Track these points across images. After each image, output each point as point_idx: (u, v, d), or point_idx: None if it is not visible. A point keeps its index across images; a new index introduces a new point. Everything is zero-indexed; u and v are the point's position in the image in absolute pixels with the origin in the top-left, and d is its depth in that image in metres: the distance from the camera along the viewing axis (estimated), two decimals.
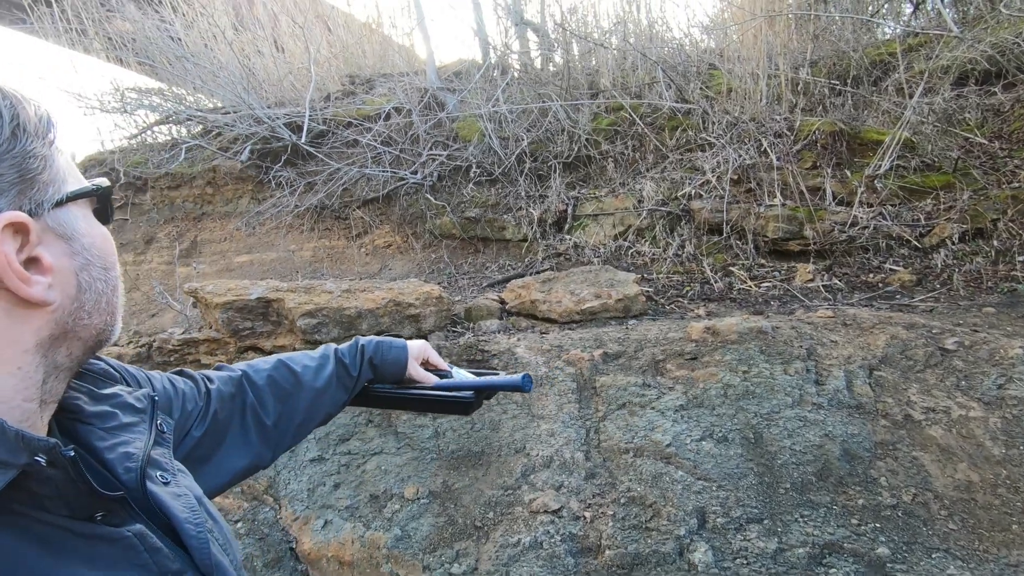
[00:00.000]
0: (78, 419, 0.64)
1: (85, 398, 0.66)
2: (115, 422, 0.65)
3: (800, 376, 1.86)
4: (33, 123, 0.55)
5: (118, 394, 0.70)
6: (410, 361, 1.03)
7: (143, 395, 0.72)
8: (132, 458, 0.62)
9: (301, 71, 5.77)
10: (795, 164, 3.54)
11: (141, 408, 0.69)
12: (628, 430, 1.80)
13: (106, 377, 0.74)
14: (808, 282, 2.92)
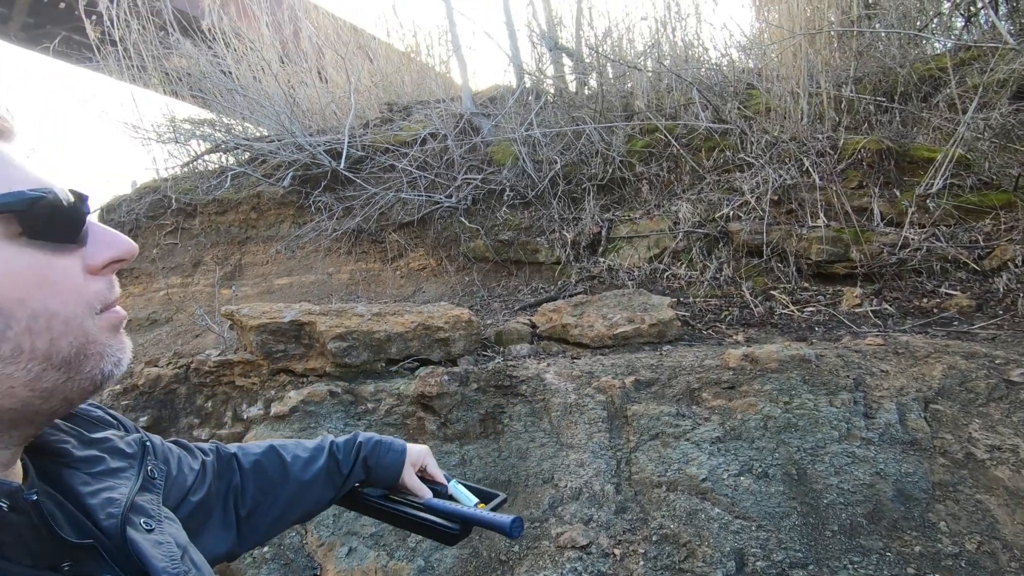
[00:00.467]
0: (64, 463, 0.62)
1: (74, 442, 0.65)
2: (102, 467, 0.64)
3: (847, 408, 1.74)
4: None
5: (109, 439, 0.68)
6: (406, 468, 0.96)
7: (134, 440, 0.71)
8: (115, 503, 0.60)
9: (342, 99, 5.98)
10: (839, 184, 3.40)
11: (131, 453, 0.68)
12: (661, 462, 1.72)
13: (100, 423, 0.72)
14: (855, 307, 2.77)
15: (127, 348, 0.57)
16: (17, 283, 0.49)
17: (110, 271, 0.56)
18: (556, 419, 1.94)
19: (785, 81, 4.09)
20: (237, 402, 2.27)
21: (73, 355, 0.52)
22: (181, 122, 6.24)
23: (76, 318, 0.52)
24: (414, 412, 2.02)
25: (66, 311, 0.52)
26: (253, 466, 0.90)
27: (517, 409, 1.99)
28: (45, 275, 0.51)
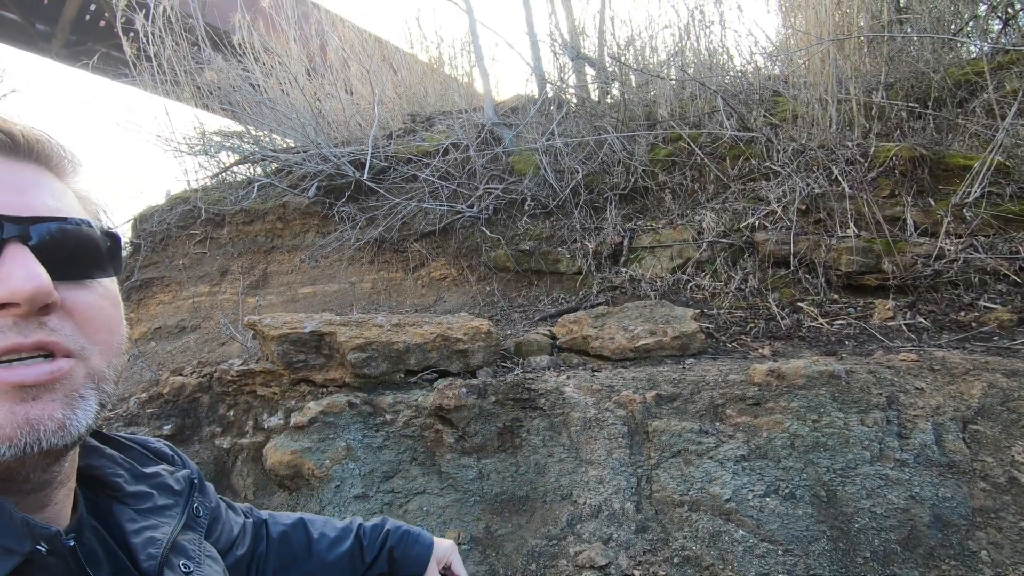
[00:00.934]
0: (116, 497, 0.63)
1: (127, 476, 0.65)
2: (150, 503, 0.64)
3: (880, 428, 1.67)
4: None
5: (159, 474, 0.69)
6: (431, 565, 0.93)
7: (183, 476, 0.71)
8: (156, 544, 0.60)
9: (366, 111, 6.06)
10: (870, 193, 3.30)
11: (179, 490, 0.68)
12: (683, 481, 1.67)
13: (156, 455, 0.73)
14: (888, 320, 2.67)
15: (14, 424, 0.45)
16: None
17: (4, 314, 0.45)
18: (575, 434, 1.90)
19: (813, 88, 4.01)
20: (258, 411, 2.29)
21: None
22: (211, 134, 6.42)
23: None
24: (432, 424, 2.01)
25: None
26: (280, 536, 0.89)
27: (536, 423, 1.96)
28: None
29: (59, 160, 0.55)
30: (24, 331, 0.46)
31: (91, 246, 0.53)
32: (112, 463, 0.65)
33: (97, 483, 0.63)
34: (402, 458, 1.98)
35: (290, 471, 2.00)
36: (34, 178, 0.52)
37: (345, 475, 1.94)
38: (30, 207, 0.49)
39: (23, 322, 0.46)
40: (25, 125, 0.52)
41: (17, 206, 0.48)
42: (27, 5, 10.81)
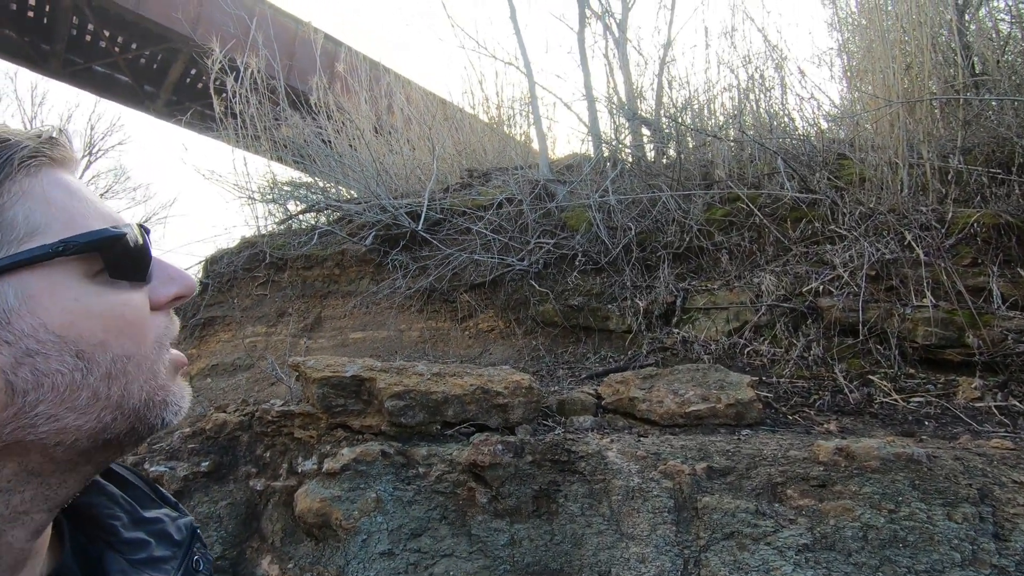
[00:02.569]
0: (109, 543, 0.59)
1: (125, 519, 0.61)
2: (145, 554, 0.60)
3: (971, 525, 1.45)
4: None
5: (161, 519, 0.65)
6: None
7: (184, 524, 0.67)
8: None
9: (426, 166, 6.32)
10: (949, 260, 3.07)
11: (179, 540, 0.64)
12: (736, 568, 1.49)
13: (158, 498, 0.70)
14: (974, 400, 2.40)
15: (187, 395, 0.55)
16: (99, 326, 0.47)
17: (172, 306, 0.55)
18: (616, 504, 1.76)
19: (882, 151, 3.85)
20: (294, 454, 2.27)
21: (143, 402, 0.50)
22: (282, 184, 6.84)
23: (147, 359, 0.50)
24: (465, 481, 1.92)
25: (140, 352, 0.50)
26: None
27: (574, 488, 1.84)
28: (123, 315, 0.49)
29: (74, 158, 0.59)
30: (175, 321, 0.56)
31: None
32: (112, 503, 0.61)
33: (92, 524, 0.59)
34: (432, 515, 1.89)
35: (318, 519, 1.94)
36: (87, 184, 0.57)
37: (373, 529, 1.86)
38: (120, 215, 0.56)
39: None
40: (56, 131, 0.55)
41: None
42: (139, 70, 12.17)
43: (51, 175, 0.48)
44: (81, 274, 0.47)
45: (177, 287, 0.54)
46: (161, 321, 0.53)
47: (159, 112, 12.44)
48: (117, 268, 0.49)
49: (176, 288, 0.54)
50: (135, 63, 12.00)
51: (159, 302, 0.53)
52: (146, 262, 0.52)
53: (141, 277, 0.51)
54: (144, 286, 0.52)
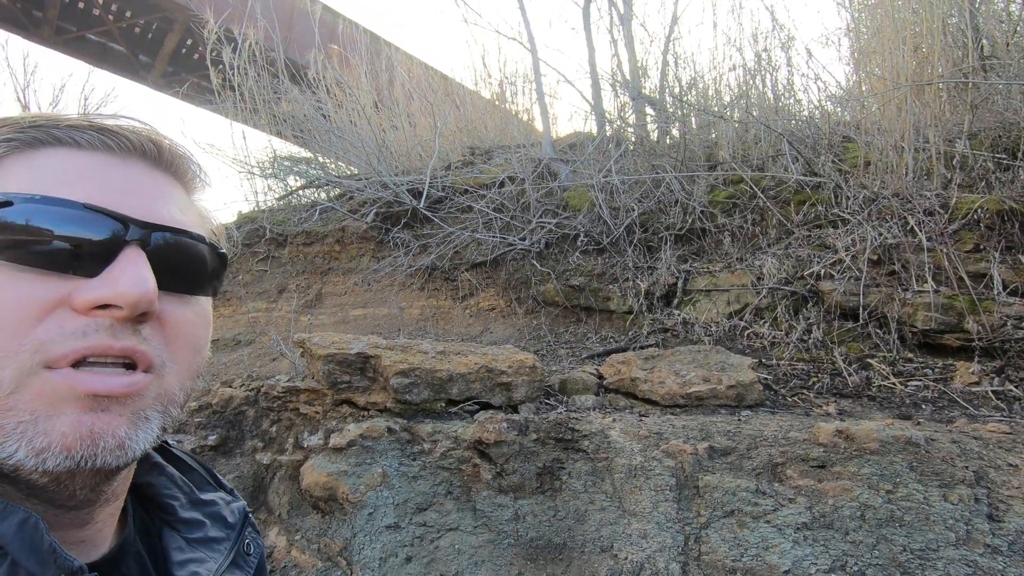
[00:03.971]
0: (167, 522, 0.61)
1: (183, 499, 0.63)
2: (201, 533, 0.61)
3: (966, 507, 1.49)
4: None
5: (216, 502, 0.66)
6: None
7: (238, 508, 0.68)
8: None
9: (428, 143, 6.25)
10: (951, 245, 3.08)
11: (232, 523, 0.65)
12: (736, 545, 1.53)
13: (216, 482, 0.71)
14: (971, 385, 2.44)
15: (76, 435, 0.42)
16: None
17: (101, 316, 0.44)
18: (619, 481, 1.79)
19: (888, 134, 3.83)
20: (300, 429, 2.30)
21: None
22: (282, 159, 6.77)
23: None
24: (469, 458, 1.95)
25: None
26: None
27: (577, 466, 1.87)
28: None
29: (192, 176, 0.58)
30: (117, 334, 0.45)
31: (200, 263, 0.53)
32: (171, 483, 0.63)
33: (152, 503, 0.61)
34: (437, 490, 1.92)
35: (325, 493, 1.97)
36: (166, 188, 0.53)
37: (379, 503, 1.90)
38: (156, 214, 0.50)
39: (119, 325, 0.45)
40: (171, 139, 0.54)
41: (145, 211, 0.49)
42: (133, 39, 11.93)
43: (45, 152, 0.47)
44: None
45: (101, 292, 0.44)
46: (68, 325, 0.43)
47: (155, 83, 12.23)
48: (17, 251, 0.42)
49: (98, 292, 0.44)
50: (129, 32, 11.75)
51: (74, 302, 0.43)
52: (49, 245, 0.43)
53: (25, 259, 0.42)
54: (70, 278, 0.44)
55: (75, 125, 0.48)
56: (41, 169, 0.46)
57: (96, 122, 0.49)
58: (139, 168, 0.51)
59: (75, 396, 0.42)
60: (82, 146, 0.48)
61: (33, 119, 0.48)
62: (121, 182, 0.49)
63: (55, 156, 0.47)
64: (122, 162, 0.50)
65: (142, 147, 0.51)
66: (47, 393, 0.42)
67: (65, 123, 0.48)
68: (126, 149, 0.50)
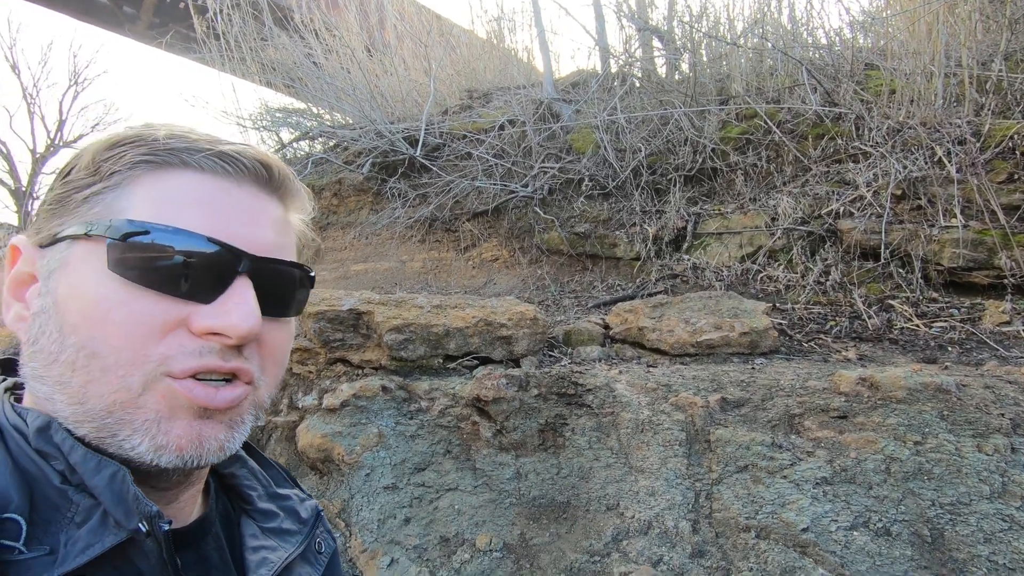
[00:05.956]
0: (246, 510, 0.66)
1: (261, 490, 0.68)
2: (275, 523, 0.66)
3: (1002, 457, 1.38)
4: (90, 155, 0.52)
5: (290, 497, 0.71)
6: None
7: (311, 506, 0.72)
8: (268, 565, 0.61)
9: (423, 87, 5.95)
10: (983, 176, 2.86)
11: (304, 519, 0.69)
12: (750, 502, 1.44)
13: (292, 481, 0.75)
14: (1002, 324, 2.29)
15: (188, 438, 0.49)
16: (80, 310, 0.47)
17: (213, 340, 0.50)
18: (625, 437, 1.70)
19: (916, 57, 3.53)
20: (293, 390, 2.22)
21: (105, 410, 0.47)
22: (274, 111, 6.50)
23: (118, 367, 0.46)
24: (468, 416, 1.86)
25: (109, 358, 0.46)
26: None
27: (581, 422, 1.77)
28: (108, 311, 0.47)
29: (294, 195, 0.62)
30: (225, 357, 0.51)
31: (295, 287, 0.59)
32: (251, 476, 0.69)
33: (233, 492, 0.67)
34: (435, 449, 1.84)
35: (320, 455, 1.90)
36: (273, 214, 0.57)
37: (376, 463, 1.83)
38: (263, 242, 0.54)
39: (227, 349, 0.51)
40: (276, 159, 0.59)
41: (253, 239, 0.54)
42: None
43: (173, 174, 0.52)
44: (104, 257, 0.48)
45: (213, 321, 0.50)
46: (187, 344, 0.49)
47: (140, 35, 11.77)
48: (119, 262, 0.47)
49: (210, 321, 0.50)
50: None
51: (192, 326, 0.50)
52: (175, 272, 0.48)
53: (154, 284, 0.48)
54: (188, 303, 0.49)
55: (201, 151, 0.52)
56: (169, 192, 0.51)
57: (219, 148, 0.53)
58: (251, 192, 0.55)
59: (189, 405, 0.49)
60: (204, 170, 0.52)
61: (167, 140, 0.52)
62: (235, 209, 0.53)
63: (182, 179, 0.52)
64: (237, 186, 0.54)
65: (255, 172, 0.56)
66: (168, 398, 0.48)
67: (194, 147, 0.52)
68: (241, 173, 0.54)
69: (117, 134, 0.53)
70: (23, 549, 0.42)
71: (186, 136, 0.53)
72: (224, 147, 0.54)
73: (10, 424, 0.49)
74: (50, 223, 0.52)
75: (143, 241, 0.48)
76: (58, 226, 0.51)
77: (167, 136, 0.52)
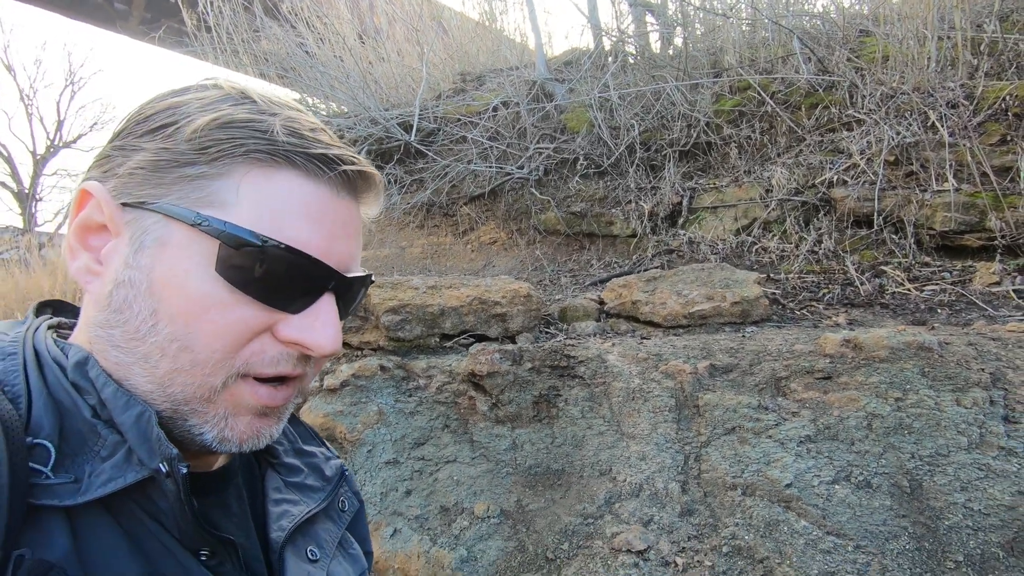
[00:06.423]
0: (271, 464, 0.67)
1: (287, 445, 0.69)
2: (298, 478, 0.67)
3: (980, 410, 1.41)
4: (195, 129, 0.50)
5: (315, 455, 0.72)
6: None
7: (335, 465, 0.73)
8: (289, 518, 0.62)
9: (416, 72, 5.93)
10: (975, 139, 2.85)
11: (329, 476, 0.70)
12: (737, 461, 1.49)
13: (315, 438, 0.77)
14: (992, 285, 2.31)
15: (248, 433, 0.53)
16: (181, 303, 0.48)
17: (292, 348, 0.53)
18: (617, 405, 1.75)
19: (909, 20, 3.50)
20: None
21: (184, 399, 0.50)
22: None
23: (205, 364, 0.49)
24: (465, 391, 1.91)
25: (201, 354, 0.49)
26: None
27: (574, 392, 1.82)
28: (207, 310, 0.49)
29: (374, 201, 0.62)
30: (297, 365, 0.53)
31: (363, 296, 0.61)
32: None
33: None
34: (434, 424, 1.90)
35: (323, 434, 1.96)
36: (359, 224, 0.58)
37: (377, 440, 1.88)
38: (353, 261, 0.57)
39: (302, 358, 0.54)
40: (372, 168, 0.59)
41: (346, 259, 0.55)
42: None
43: (283, 176, 0.51)
44: (211, 256, 0.49)
45: (302, 335, 0.52)
46: (269, 351, 0.51)
47: (133, 31, 11.73)
48: (228, 268, 0.49)
49: (299, 334, 0.52)
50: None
51: (278, 334, 0.52)
52: (275, 285, 0.50)
53: (255, 293, 0.50)
54: (276, 312, 0.51)
55: (312, 155, 0.52)
56: (279, 198, 0.51)
57: (330, 152, 0.53)
58: (347, 204, 0.55)
59: (252, 405, 0.52)
60: (311, 175, 0.52)
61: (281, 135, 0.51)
62: (334, 224, 0.54)
63: (291, 184, 0.51)
64: (337, 197, 0.54)
65: (354, 184, 0.56)
66: (237, 397, 0.51)
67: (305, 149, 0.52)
68: (343, 183, 0.55)
69: (227, 113, 0.51)
70: (50, 474, 0.44)
71: (297, 131, 0.52)
72: (333, 151, 0.53)
73: (51, 357, 0.51)
74: (141, 186, 0.50)
75: (254, 252, 0.48)
76: (151, 195, 0.50)
77: (282, 128, 0.51)
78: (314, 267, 0.51)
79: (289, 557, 0.60)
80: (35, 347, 0.52)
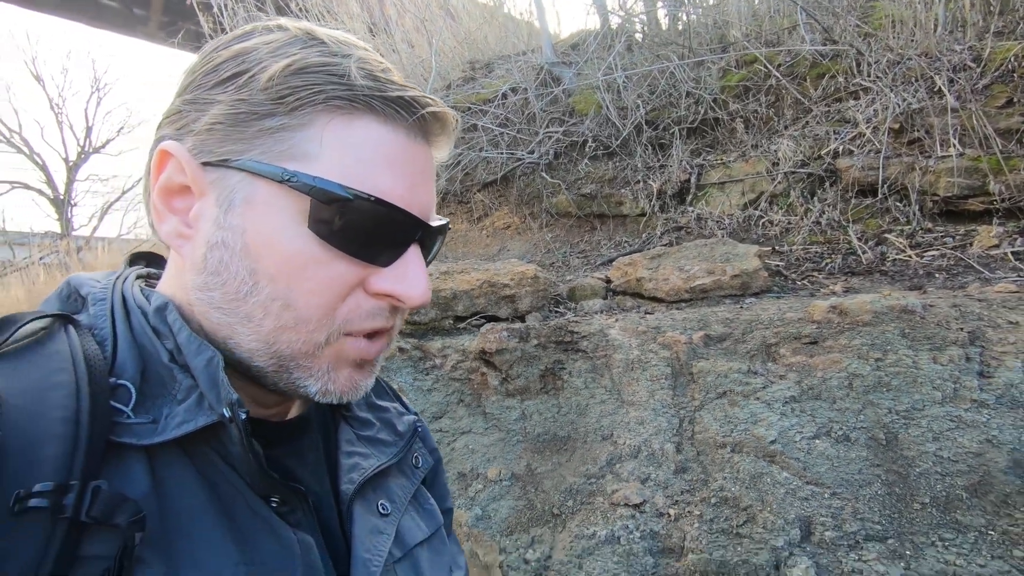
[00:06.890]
0: (345, 416, 0.67)
1: (361, 400, 0.67)
2: (370, 432, 0.66)
3: (956, 366, 1.50)
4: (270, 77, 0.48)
5: (388, 409, 0.71)
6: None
7: (409, 421, 0.71)
8: (359, 470, 0.62)
9: (427, 63, 6.03)
10: (980, 103, 2.85)
11: (401, 432, 0.69)
12: (727, 422, 1.60)
13: (388, 392, 0.76)
14: (991, 248, 2.35)
15: (348, 386, 0.54)
16: (278, 261, 0.48)
17: (385, 301, 0.53)
18: (617, 376, 1.87)
19: None
20: None
21: (289, 355, 0.51)
22: None
23: (308, 322, 0.50)
24: (477, 368, 2.06)
25: (303, 312, 0.50)
26: None
27: (577, 365, 1.95)
28: (305, 267, 0.49)
29: (446, 143, 0.59)
30: (389, 318, 0.54)
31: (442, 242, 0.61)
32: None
33: None
34: (450, 400, 2.05)
35: None
36: (433, 169, 0.57)
37: None
38: (433, 208, 0.56)
39: (394, 310, 0.55)
40: (447, 108, 0.56)
41: (427, 206, 0.55)
42: None
43: (362, 123, 0.50)
44: (302, 213, 0.48)
45: (391, 286, 0.52)
46: (364, 305, 0.52)
47: (152, 36, 12.04)
48: (320, 223, 0.48)
49: (390, 287, 0.52)
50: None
51: (370, 287, 0.52)
52: (374, 243, 0.51)
53: (346, 248, 0.50)
54: (368, 265, 0.51)
55: (390, 99, 0.51)
56: (362, 147, 0.50)
57: (407, 94, 0.51)
58: (423, 148, 0.54)
59: (353, 359, 0.53)
60: (390, 120, 0.51)
61: (359, 79, 0.49)
62: (414, 170, 0.53)
63: (370, 131, 0.50)
64: (414, 142, 0.53)
65: (428, 127, 0.54)
66: (340, 352, 0.52)
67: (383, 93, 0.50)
68: (421, 127, 0.53)
69: (300, 57, 0.49)
70: (131, 414, 0.46)
71: (371, 72, 0.50)
72: (409, 92, 0.51)
73: (136, 304, 0.52)
74: (221, 143, 0.49)
75: (345, 206, 0.48)
76: (232, 151, 0.49)
77: (358, 71, 0.49)
78: (403, 218, 0.51)
79: (357, 509, 0.60)
80: (123, 294, 0.54)
